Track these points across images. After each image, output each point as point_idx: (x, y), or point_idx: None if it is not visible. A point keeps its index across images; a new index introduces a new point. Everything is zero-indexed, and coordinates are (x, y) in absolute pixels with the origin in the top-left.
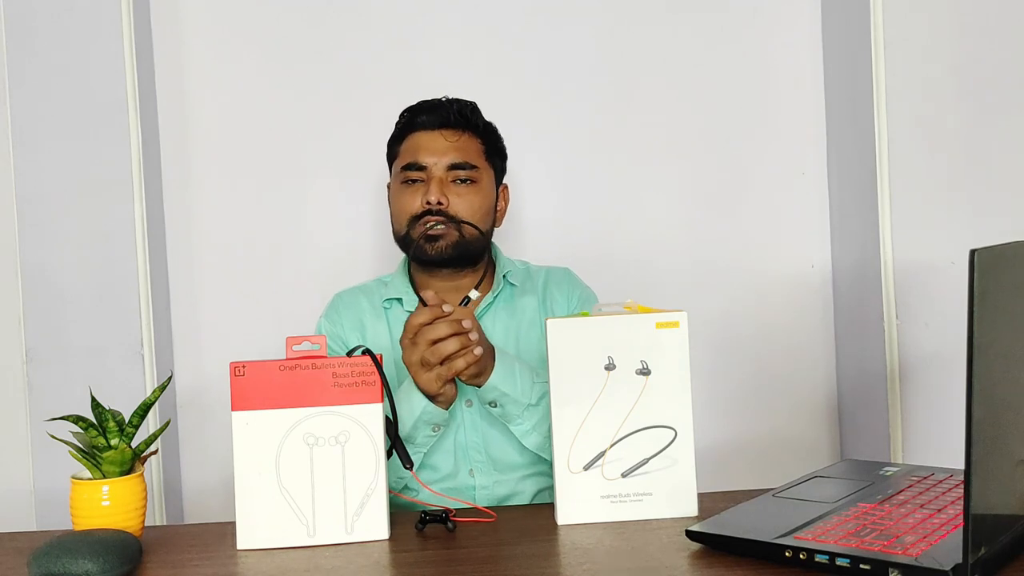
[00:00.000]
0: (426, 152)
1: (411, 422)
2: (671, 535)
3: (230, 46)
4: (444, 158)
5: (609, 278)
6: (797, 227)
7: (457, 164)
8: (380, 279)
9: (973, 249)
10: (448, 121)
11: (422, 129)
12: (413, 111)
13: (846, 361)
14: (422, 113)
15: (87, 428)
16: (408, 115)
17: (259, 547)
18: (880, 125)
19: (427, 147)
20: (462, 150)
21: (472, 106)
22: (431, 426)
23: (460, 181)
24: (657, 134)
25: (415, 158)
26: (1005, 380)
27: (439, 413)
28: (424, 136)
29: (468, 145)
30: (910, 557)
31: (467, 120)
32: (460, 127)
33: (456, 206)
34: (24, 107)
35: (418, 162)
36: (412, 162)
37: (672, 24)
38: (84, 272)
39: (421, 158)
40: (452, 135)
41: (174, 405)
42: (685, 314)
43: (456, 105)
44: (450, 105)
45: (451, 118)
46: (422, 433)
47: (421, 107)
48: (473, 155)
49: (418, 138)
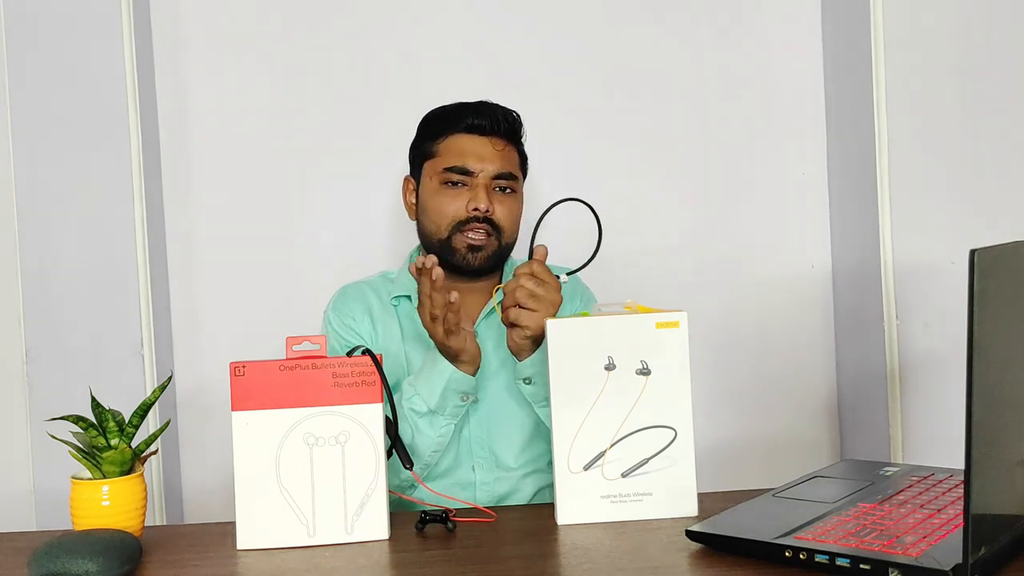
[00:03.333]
0: (474, 158)
1: (439, 391)
2: (671, 535)
3: (230, 46)
4: (492, 166)
5: (609, 278)
6: (797, 227)
7: (503, 174)
8: (385, 275)
9: (973, 249)
10: (498, 129)
11: (470, 132)
12: (458, 112)
13: (846, 361)
14: (470, 116)
15: (87, 428)
16: (450, 115)
17: (259, 547)
18: (880, 125)
19: (476, 153)
20: (508, 160)
21: (517, 117)
22: (459, 394)
23: (501, 190)
24: (657, 134)
25: (462, 162)
26: (1005, 380)
27: (466, 379)
28: (473, 140)
29: (511, 155)
30: (910, 557)
31: (513, 131)
32: (507, 137)
33: (499, 214)
34: (24, 107)
35: (465, 167)
36: (459, 165)
37: (672, 24)
38: (84, 272)
39: (469, 163)
40: (500, 143)
41: (174, 405)
42: (685, 314)
43: (503, 112)
44: (500, 112)
45: (501, 126)
46: (451, 403)
47: (468, 109)
48: (515, 166)
49: (466, 141)
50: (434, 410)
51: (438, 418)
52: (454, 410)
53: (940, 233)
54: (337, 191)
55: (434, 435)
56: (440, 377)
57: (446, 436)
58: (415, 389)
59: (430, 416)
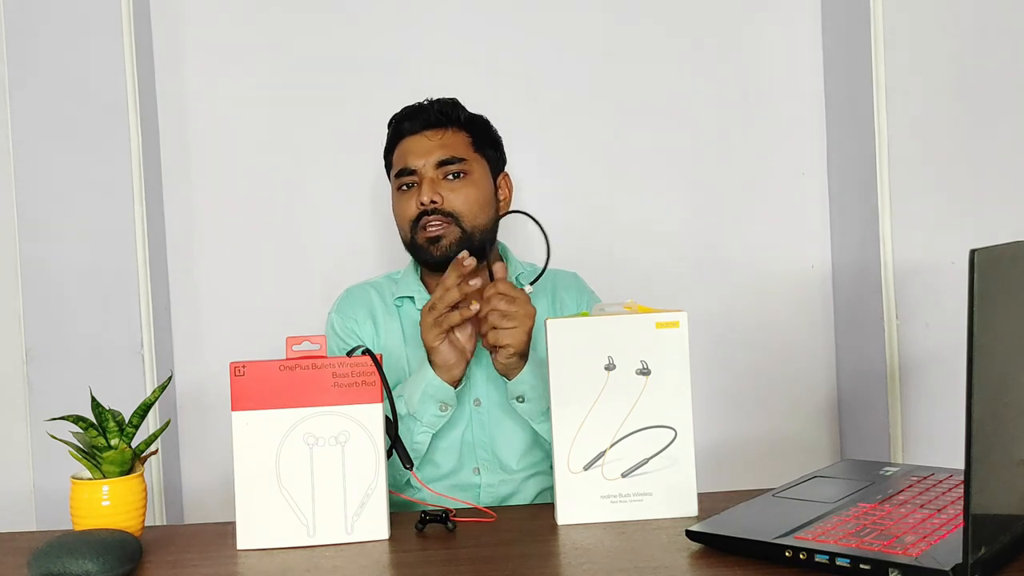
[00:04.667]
0: (413, 155)
1: (418, 396)
2: (671, 535)
3: (230, 46)
4: (431, 157)
5: (609, 278)
6: (797, 227)
7: (444, 160)
8: (390, 276)
9: (973, 249)
10: (430, 121)
11: (407, 135)
12: (398, 119)
13: (846, 361)
14: (405, 120)
15: (87, 428)
16: (394, 123)
17: (259, 547)
18: (880, 125)
19: (413, 150)
20: (447, 146)
21: (452, 101)
22: (438, 403)
23: (452, 176)
24: (657, 134)
25: (404, 163)
26: (1005, 380)
27: (444, 389)
28: (409, 141)
29: (453, 140)
30: (910, 557)
31: (448, 116)
32: (442, 125)
33: (451, 201)
34: (24, 107)
35: (408, 166)
36: (402, 167)
37: (672, 24)
38: (84, 272)
39: (409, 162)
40: (435, 134)
41: (174, 405)
42: (685, 314)
43: (436, 105)
44: (430, 106)
45: (432, 118)
46: (429, 411)
47: (404, 114)
48: (460, 148)
49: (405, 144)
50: (413, 415)
51: (416, 424)
52: (431, 419)
53: (940, 233)
54: (337, 191)
55: (410, 441)
56: (420, 381)
57: (423, 445)
58: (401, 391)
59: (410, 420)
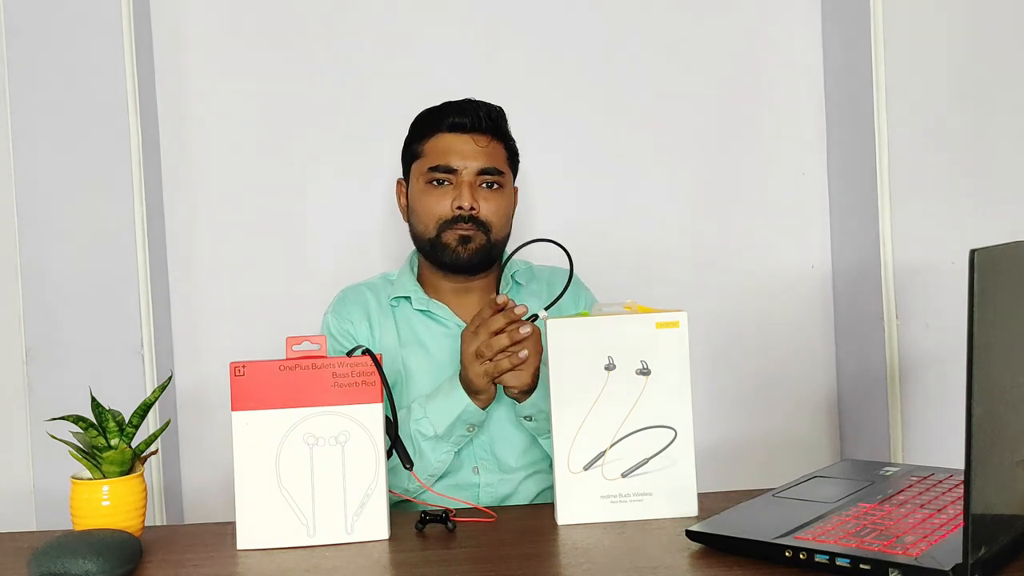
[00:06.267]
0: (457, 156)
1: (450, 420)
2: (671, 535)
3: (230, 46)
4: (475, 163)
5: (609, 278)
6: (797, 227)
7: (487, 169)
8: (385, 276)
9: (973, 249)
10: (480, 125)
11: (452, 131)
12: (441, 112)
13: (846, 361)
14: (452, 115)
15: (87, 428)
16: (434, 115)
17: (259, 547)
18: (880, 125)
19: (458, 150)
20: (491, 155)
21: (501, 112)
22: (467, 425)
23: (487, 186)
24: (657, 134)
25: (445, 160)
26: (1005, 380)
27: (478, 413)
28: (454, 138)
29: (496, 150)
30: (910, 557)
31: (496, 126)
32: (490, 132)
33: (485, 211)
34: (24, 107)
35: (449, 165)
36: (442, 164)
37: (672, 24)
38: (84, 272)
39: (452, 161)
40: (483, 140)
41: (174, 405)
42: (685, 314)
43: (485, 109)
44: (480, 108)
45: (483, 123)
46: (458, 432)
47: (450, 108)
48: (499, 160)
49: (447, 140)
50: (440, 436)
51: (442, 443)
52: (459, 439)
53: (940, 233)
54: (337, 191)
55: (435, 459)
56: (454, 407)
57: (445, 462)
58: (425, 412)
59: (435, 441)
